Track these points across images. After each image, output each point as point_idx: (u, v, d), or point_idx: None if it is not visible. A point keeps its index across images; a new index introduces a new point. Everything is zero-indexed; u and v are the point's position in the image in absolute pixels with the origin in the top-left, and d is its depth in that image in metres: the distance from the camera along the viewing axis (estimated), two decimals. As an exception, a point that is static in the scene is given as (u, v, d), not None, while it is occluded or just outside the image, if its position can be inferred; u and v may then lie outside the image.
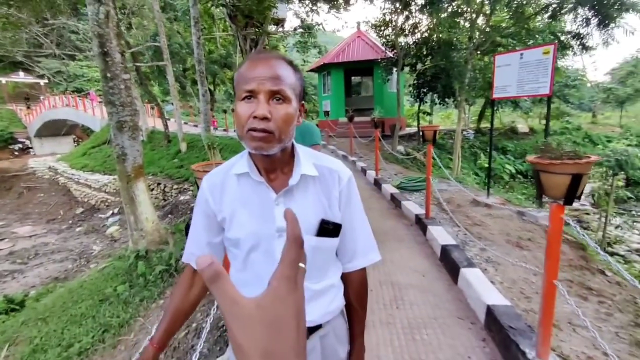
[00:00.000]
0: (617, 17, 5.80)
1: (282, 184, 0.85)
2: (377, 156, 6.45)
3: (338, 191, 0.88)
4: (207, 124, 7.34)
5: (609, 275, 3.46)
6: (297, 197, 0.85)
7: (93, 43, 4.25)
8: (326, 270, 0.91)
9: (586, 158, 1.39)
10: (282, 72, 0.77)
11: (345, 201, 0.89)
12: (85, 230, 10.69)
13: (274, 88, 0.75)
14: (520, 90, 4.21)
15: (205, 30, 17.10)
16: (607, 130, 17.22)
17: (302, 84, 0.84)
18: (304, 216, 0.82)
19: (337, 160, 0.94)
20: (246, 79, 0.76)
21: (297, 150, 0.88)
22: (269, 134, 0.75)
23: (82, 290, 4.31)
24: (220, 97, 28.46)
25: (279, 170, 0.86)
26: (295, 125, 0.82)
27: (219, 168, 0.92)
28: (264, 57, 0.79)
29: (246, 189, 0.86)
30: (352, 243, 0.94)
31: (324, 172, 0.89)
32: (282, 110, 0.76)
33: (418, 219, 4.17)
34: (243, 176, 0.86)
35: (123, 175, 4.61)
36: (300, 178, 0.84)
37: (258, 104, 0.75)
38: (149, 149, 14.12)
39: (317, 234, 0.84)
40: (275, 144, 0.77)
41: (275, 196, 0.83)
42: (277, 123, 0.75)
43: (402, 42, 10.28)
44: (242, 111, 0.76)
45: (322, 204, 0.86)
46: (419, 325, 2.26)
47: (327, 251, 0.89)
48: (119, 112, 4.38)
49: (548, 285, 1.59)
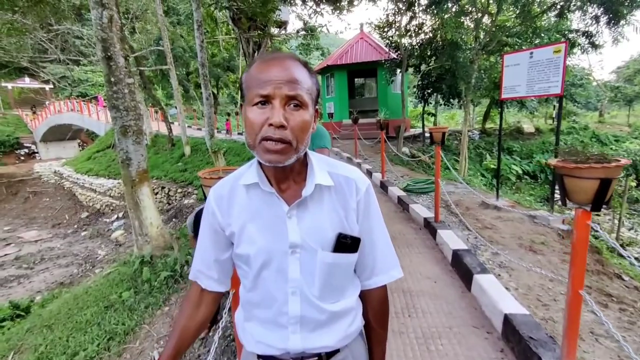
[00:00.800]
0: (628, 14, 5.69)
1: (294, 195, 0.78)
2: (383, 158, 6.37)
3: (356, 202, 0.81)
4: (210, 128, 7.30)
5: (626, 279, 3.36)
6: (312, 209, 0.78)
7: (97, 47, 4.23)
8: (344, 290, 0.83)
9: (615, 161, 1.31)
10: (298, 75, 0.70)
11: (363, 212, 0.82)
12: (91, 234, 10.70)
13: (291, 93, 0.68)
14: (530, 90, 4.12)
15: (208, 33, 17.14)
16: (615, 130, 16.99)
17: (318, 87, 0.77)
18: (319, 230, 0.77)
19: (354, 167, 0.87)
20: (259, 82, 0.69)
21: (310, 157, 0.81)
22: (285, 144, 0.69)
23: (87, 296, 4.27)
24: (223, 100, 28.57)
25: (291, 180, 0.79)
26: (311, 132, 0.75)
27: (227, 179, 0.85)
28: (278, 57, 0.72)
29: (256, 200, 0.79)
30: (371, 258, 0.86)
31: (340, 181, 0.81)
32: (299, 117, 0.69)
33: (427, 223, 4.08)
34: (252, 187, 0.79)
35: (127, 180, 4.58)
36: (314, 188, 0.77)
37: (273, 110, 0.68)
38: (152, 152, 14.16)
39: (334, 250, 0.77)
40: (292, 155, 0.71)
41: (287, 208, 0.76)
42: (294, 131, 0.69)
43: (406, 43, 10.21)
44: (254, 118, 0.69)
45: (339, 216, 0.79)
46: (434, 335, 2.18)
47: (345, 268, 0.81)
48: (123, 116, 4.35)
49: (573, 295, 1.50)
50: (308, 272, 0.77)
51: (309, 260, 0.76)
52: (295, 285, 0.77)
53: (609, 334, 2.17)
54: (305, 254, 0.76)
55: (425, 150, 10.90)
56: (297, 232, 0.76)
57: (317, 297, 0.78)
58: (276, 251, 0.76)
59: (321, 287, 0.78)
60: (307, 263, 0.77)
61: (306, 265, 0.77)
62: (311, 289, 0.78)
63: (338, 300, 0.82)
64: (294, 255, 0.76)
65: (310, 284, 0.78)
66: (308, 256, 0.76)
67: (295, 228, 0.76)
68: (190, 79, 23.02)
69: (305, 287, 0.77)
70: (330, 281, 0.79)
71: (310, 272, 0.77)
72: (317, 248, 0.76)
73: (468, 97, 8.13)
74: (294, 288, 0.77)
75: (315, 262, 0.77)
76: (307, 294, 0.78)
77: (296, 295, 0.77)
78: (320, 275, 0.77)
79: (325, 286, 0.79)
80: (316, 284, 0.78)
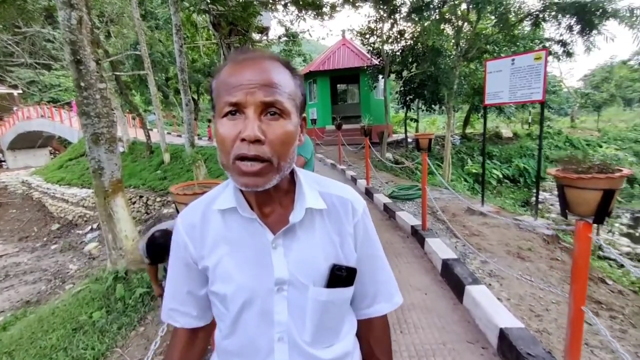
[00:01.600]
0: (599, 24, 5.89)
1: (280, 221, 0.65)
2: (367, 164, 6.31)
3: (352, 225, 0.69)
4: (190, 135, 7.05)
5: (610, 283, 3.38)
6: (301, 238, 0.65)
7: (65, 50, 3.97)
8: (339, 331, 0.70)
9: (618, 171, 1.24)
10: (277, 77, 0.57)
11: (362, 237, 0.71)
12: (62, 247, 10.12)
13: (268, 99, 0.55)
14: (513, 96, 4.15)
15: (188, 38, 16.82)
16: (586, 134, 17.72)
17: (302, 92, 0.64)
18: (310, 262, 0.64)
19: (346, 185, 0.74)
20: (228, 87, 0.56)
21: (299, 175, 0.68)
22: (264, 162, 0.56)
23: (54, 318, 3.95)
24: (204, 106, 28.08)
25: (276, 203, 0.66)
26: (297, 145, 0.63)
27: (197, 203, 0.71)
28: (252, 57, 0.59)
29: (233, 228, 0.66)
30: (373, 286, 0.75)
31: (334, 202, 0.69)
32: (279, 129, 0.57)
33: (414, 231, 4.01)
34: (228, 212, 0.66)
35: (100, 191, 4.31)
36: (304, 213, 0.64)
37: (246, 121, 0.55)
38: (130, 160, 13.65)
39: (328, 285, 0.65)
40: (274, 176, 0.58)
41: (272, 237, 0.64)
42: (274, 146, 0.56)
43: (388, 49, 10.29)
44: (224, 132, 0.57)
45: (333, 243, 0.67)
46: (427, 352, 2.07)
47: (340, 305, 0.68)
48: (94, 123, 4.10)
49: (575, 312, 1.43)
50: (297, 314, 0.64)
51: (298, 299, 0.64)
52: (282, 329, 0.64)
53: (604, 344, 2.12)
54: (294, 291, 0.63)
55: (408, 156, 10.97)
56: (285, 266, 0.63)
57: (308, 344, 0.65)
58: (259, 289, 0.63)
59: (314, 330, 0.65)
60: (297, 302, 0.64)
61: (295, 304, 0.64)
62: (301, 334, 0.65)
63: (332, 344, 0.69)
64: (280, 293, 0.63)
65: (300, 328, 0.65)
66: (297, 294, 0.63)
67: (282, 260, 0.63)
68: (170, 85, 22.48)
69: (294, 332, 0.64)
70: (323, 322, 0.66)
71: (300, 313, 0.64)
72: (309, 284, 0.64)
73: (450, 102, 8.23)
74: (281, 333, 0.64)
75: (306, 301, 0.64)
76: (297, 339, 0.64)
77: (283, 342, 0.64)
78: (312, 316, 0.64)
79: (318, 329, 0.65)
80: (307, 327, 0.65)
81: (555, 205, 10.13)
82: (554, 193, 11.74)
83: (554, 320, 2.31)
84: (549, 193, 11.48)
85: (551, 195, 11.37)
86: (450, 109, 8.38)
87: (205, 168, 7.87)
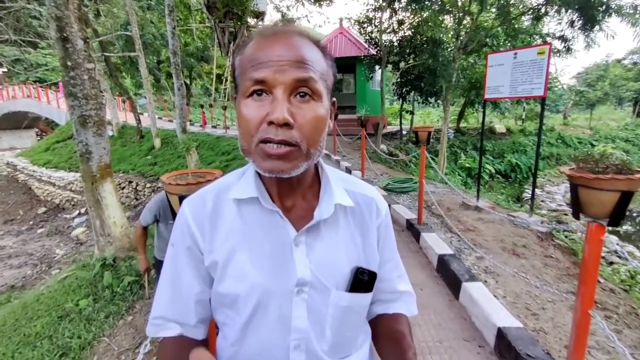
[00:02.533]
0: (601, 21, 5.84)
1: (303, 216, 0.59)
2: (363, 156, 6.24)
3: (376, 226, 0.65)
4: (182, 120, 6.86)
5: (602, 281, 3.40)
6: (325, 236, 0.59)
7: (51, 27, 3.76)
8: (356, 340, 0.65)
9: (638, 172, 1.18)
10: (309, 54, 0.50)
11: (383, 238, 0.67)
12: (48, 231, 9.89)
13: (300, 76, 0.49)
14: (514, 91, 4.09)
15: (181, 21, 16.32)
16: (577, 132, 17.90)
17: (334, 73, 0.57)
18: (333, 264, 0.59)
19: (368, 184, 0.69)
20: (255, 63, 0.49)
21: (324, 168, 0.62)
22: (291, 147, 0.49)
23: (39, 305, 3.84)
24: (197, 91, 27.53)
25: (298, 196, 0.60)
26: (327, 132, 0.56)
27: (207, 190, 0.63)
28: (282, 32, 0.52)
29: (251, 221, 0.59)
30: (392, 295, 0.71)
31: (358, 201, 0.64)
32: (310, 112, 0.50)
33: (410, 225, 3.97)
34: (246, 203, 0.59)
35: (87, 176, 4.16)
36: (333, 209, 0.59)
37: (274, 102, 0.49)
38: (119, 144, 13.34)
39: (350, 289, 0.59)
40: (302, 162, 0.52)
41: (295, 233, 0.58)
42: (304, 131, 0.50)
43: (386, 39, 10.12)
44: (249, 114, 0.50)
45: (356, 245, 0.62)
46: (424, 350, 2.04)
47: (360, 313, 0.63)
48: (81, 105, 3.92)
49: (582, 316, 1.39)
50: (317, 319, 0.58)
51: (318, 303, 0.58)
52: (300, 336, 0.57)
53: (600, 345, 2.12)
54: (315, 294, 0.58)
55: (403, 148, 10.92)
56: (307, 266, 0.57)
57: (326, 353, 0.59)
58: (276, 290, 0.57)
59: (333, 338, 0.59)
60: (316, 307, 0.58)
61: (315, 309, 0.58)
62: (320, 342, 0.59)
63: (349, 355, 0.63)
64: (300, 295, 0.57)
65: (319, 335, 0.58)
66: (318, 298, 0.58)
67: (304, 260, 0.57)
68: (162, 68, 21.92)
69: (313, 340, 0.58)
70: (342, 330, 0.60)
71: (320, 319, 0.58)
72: (331, 287, 0.58)
73: (448, 95, 8.16)
74: (298, 340, 0.57)
75: (326, 306, 0.58)
76: (316, 348, 0.58)
77: (300, 351, 0.58)
78: (332, 322, 0.59)
79: (337, 337, 0.60)
80: (327, 334, 0.59)
81: (546, 201, 10.25)
82: (545, 189, 11.88)
83: (550, 320, 2.30)
84: (540, 189, 11.60)
85: (542, 191, 11.49)
86: (448, 102, 8.31)
87: (197, 155, 7.70)
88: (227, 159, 8.87)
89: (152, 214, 2.41)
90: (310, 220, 0.58)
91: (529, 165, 12.93)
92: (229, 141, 10.26)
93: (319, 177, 0.63)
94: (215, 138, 11.13)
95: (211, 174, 1.29)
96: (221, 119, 15.75)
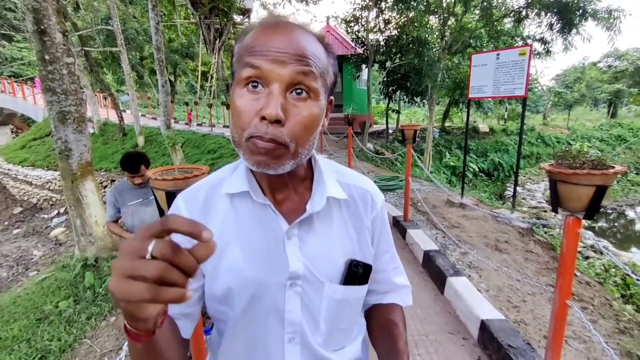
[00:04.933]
0: (578, 24, 6.05)
1: (294, 209, 0.60)
2: (350, 154, 6.28)
3: (371, 219, 0.65)
4: (167, 117, 6.73)
5: (578, 275, 3.53)
6: (318, 229, 0.59)
7: (27, 19, 3.62)
8: (350, 333, 0.66)
9: (612, 168, 1.24)
10: (311, 49, 0.50)
11: (379, 233, 0.67)
12: (25, 232, 9.54)
13: (297, 73, 0.48)
14: (497, 91, 4.19)
15: (164, 16, 15.97)
16: (556, 132, 18.47)
17: (335, 71, 0.57)
18: (327, 257, 0.59)
19: (363, 175, 0.70)
20: (253, 51, 0.48)
21: (318, 161, 0.62)
22: (278, 145, 0.49)
23: (15, 307, 3.70)
24: (181, 89, 27.03)
25: (290, 189, 0.60)
26: (320, 131, 0.56)
27: (199, 185, 0.63)
28: (284, 23, 0.51)
29: (243, 215, 0.59)
30: (388, 286, 0.72)
31: (352, 193, 0.64)
32: (304, 110, 0.50)
33: (396, 222, 4.02)
34: (238, 197, 0.59)
35: (67, 174, 4.04)
36: (325, 202, 0.59)
37: (269, 96, 0.48)
38: (101, 142, 12.97)
39: (344, 282, 0.60)
40: (287, 161, 0.51)
41: (286, 227, 0.58)
42: (294, 130, 0.49)
43: (373, 39, 10.19)
44: (242, 105, 0.49)
45: (350, 237, 0.62)
46: (410, 343, 2.08)
47: (354, 305, 0.64)
48: (60, 100, 3.80)
49: (560, 306, 1.44)
50: (311, 312, 0.59)
51: (312, 296, 0.59)
52: (294, 329, 0.58)
53: (577, 334, 2.20)
54: (308, 287, 0.58)
55: (389, 147, 11.04)
56: (299, 259, 0.57)
57: (321, 345, 0.60)
58: (269, 283, 0.57)
59: (327, 331, 0.60)
60: (310, 300, 0.59)
61: (308, 302, 0.59)
62: (314, 335, 0.60)
63: (344, 347, 0.64)
64: (293, 289, 0.57)
65: (313, 328, 0.59)
66: (311, 290, 0.58)
67: (296, 253, 0.57)
68: (145, 64, 21.42)
69: (307, 332, 0.59)
70: (337, 323, 0.61)
71: (314, 312, 0.59)
72: (324, 280, 0.58)
73: (433, 95, 8.28)
74: (293, 333, 0.58)
75: (320, 299, 0.59)
76: (310, 341, 0.59)
77: (295, 343, 0.59)
78: (326, 315, 0.60)
79: (331, 330, 0.61)
80: (321, 327, 0.60)
81: (527, 198, 10.56)
82: (526, 187, 12.22)
83: (531, 312, 2.38)
84: (522, 187, 11.94)
85: (523, 189, 11.82)
86: (434, 101, 8.45)
87: (182, 153, 7.57)
88: (213, 157, 8.76)
89: (111, 205, 2.42)
90: (302, 213, 0.58)
91: (510, 163, 13.27)
92: (214, 139, 10.13)
93: (313, 169, 0.63)
94: (200, 136, 10.97)
95: (198, 169, 1.28)
96: (207, 117, 15.52)
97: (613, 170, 1.24)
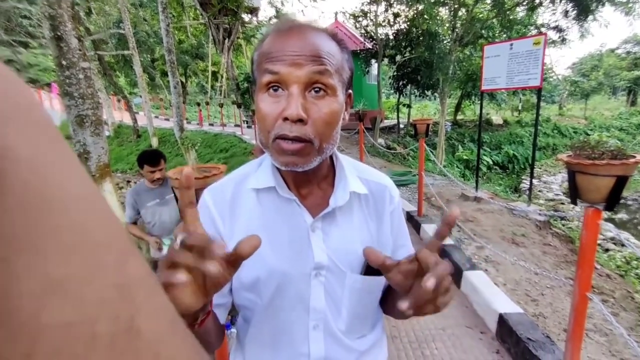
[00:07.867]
0: (595, 10, 5.86)
1: (319, 204, 0.63)
2: (361, 149, 6.25)
3: (389, 213, 0.68)
4: (179, 118, 6.84)
5: (598, 267, 3.46)
6: (340, 223, 0.63)
7: (44, 26, 3.73)
8: (370, 321, 0.69)
9: (632, 157, 1.21)
10: (325, 49, 0.52)
11: (397, 226, 0.70)
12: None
13: (314, 73, 0.51)
14: (510, 82, 4.11)
15: (174, 18, 16.15)
16: (573, 122, 17.98)
17: (350, 66, 0.60)
18: (348, 248, 0.63)
19: (381, 172, 0.73)
20: (271, 57, 0.52)
21: (339, 158, 0.65)
22: (305, 143, 0.52)
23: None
24: (192, 89, 27.37)
25: (314, 185, 0.64)
26: (342, 125, 0.59)
27: (225, 181, 0.67)
28: (297, 26, 0.54)
29: (269, 209, 0.62)
30: None
31: (372, 188, 0.67)
32: (324, 108, 0.53)
33: (410, 217, 4.01)
34: (264, 192, 0.63)
35: (86, 176, 4.15)
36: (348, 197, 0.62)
37: (289, 98, 0.51)
38: (116, 144, 13.29)
39: (365, 272, 0.63)
40: (314, 157, 0.54)
41: (311, 220, 0.61)
42: (318, 127, 0.53)
43: (382, 33, 10.10)
44: (265, 109, 0.53)
45: (370, 230, 0.65)
46: (427, 338, 2.08)
47: (375, 294, 0.67)
48: (78, 104, 3.90)
49: (580, 298, 1.43)
50: (334, 301, 0.62)
51: (335, 286, 0.62)
52: (318, 317, 0.62)
53: (597, 327, 2.17)
54: (332, 277, 0.62)
55: (400, 142, 10.95)
56: (324, 250, 0.61)
57: (343, 332, 0.63)
58: (294, 274, 0.60)
59: (349, 319, 0.63)
60: (333, 289, 0.62)
61: (332, 291, 0.62)
62: (337, 322, 0.63)
63: (364, 335, 0.68)
64: (317, 279, 0.61)
65: (336, 316, 0.63)
66: (334, 280, 0.62)
67: (321, 245, 0.61)
68: (156, 66, 21.73)
69: (330, 320, 0.62)
70: (358, 311, 0.65)
71: (337, 300, 0.63)
72: (346, 270, 0.62)
73: (445, 88, 8.17)
74: (317, 321, 0.62)
75: (342, 288, 0.62)
76: (333, 328, 0.62)
77: (319, 330, 0.62)
78: (348, 304, 0.63)
79: (353, 318, 0.64)
80: (343, 315, 0.63)
81: (543, 191, 10.33)
82: (542, 179, 11.96)
83: (549, 305, 2.35)
84: (538, 180, 11.68)
85: (539, 181, 11.57)
86: (445, 94, 8.33)
87: (195, 153, 7.68)
88: (225, 156, 8.86)
89: (131, 206, 2.44)
90: (325, 207, 0.61)
91: (526, 156, 13.00)
92: (226, 138, 10.24)
93: (334, 166, 0.66)
94: (212, 135, 11.12)
95: (216, 169, 1.31)
96: (218, 116, 15.69)
97: (634, 160, 1.21)
